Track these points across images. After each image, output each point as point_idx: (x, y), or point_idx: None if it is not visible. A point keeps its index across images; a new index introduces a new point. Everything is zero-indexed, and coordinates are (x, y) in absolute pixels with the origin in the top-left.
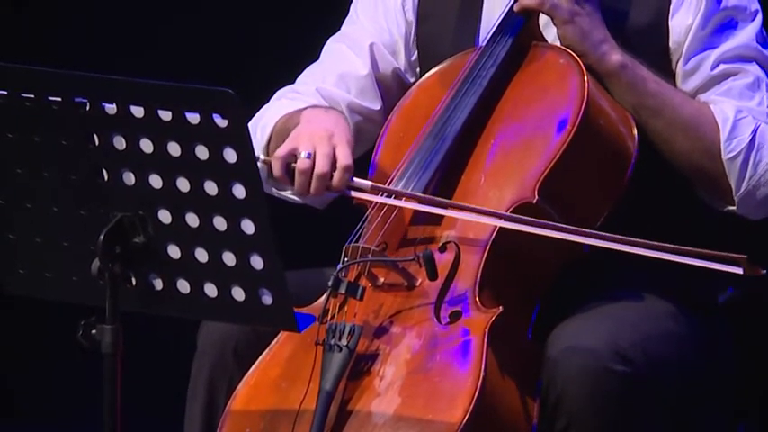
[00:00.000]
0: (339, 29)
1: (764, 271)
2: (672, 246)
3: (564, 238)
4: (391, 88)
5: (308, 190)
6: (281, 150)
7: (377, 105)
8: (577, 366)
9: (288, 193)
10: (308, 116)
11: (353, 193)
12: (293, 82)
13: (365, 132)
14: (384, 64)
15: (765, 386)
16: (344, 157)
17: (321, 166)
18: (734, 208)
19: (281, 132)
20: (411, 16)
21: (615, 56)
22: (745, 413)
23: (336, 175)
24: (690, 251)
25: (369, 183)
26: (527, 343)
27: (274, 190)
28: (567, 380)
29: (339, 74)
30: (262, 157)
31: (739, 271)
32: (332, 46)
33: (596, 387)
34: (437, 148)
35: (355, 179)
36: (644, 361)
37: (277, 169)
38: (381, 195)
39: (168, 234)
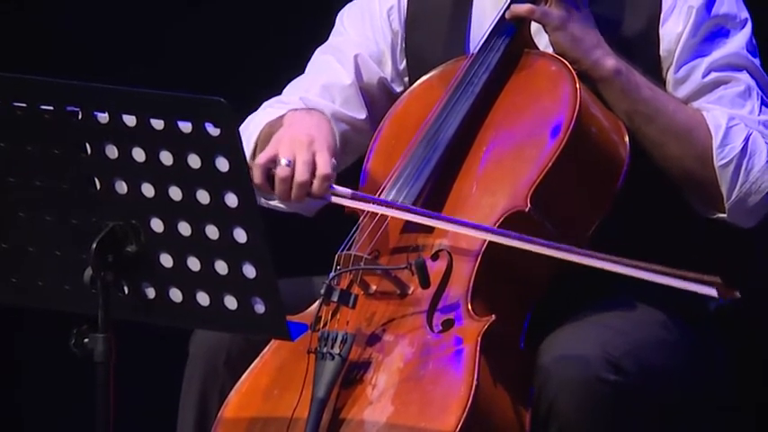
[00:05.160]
0: (328, 39)
1: (738, 294)
2: (648, 265)
3: (546, 253)
4: (377, 98)
5: (289, 197)
6: (261, 158)
7: (362, 114)
8: (569, 375)
9: (275, 203)
10: (289, 120)
11: (335, 200)
12: (282, 92)
13: (352, 142)
14: (369, 74)
15: (757, 394)
16: (324, 166)
17: (300, 174)
18: (724, 215)
19: (266, 140)
20: (397, 26)
21: (610, 61)
22: (737, 421)
23: (316, 183)
24: (664, 271)
25: (349, 191)
26: (519, 351)
27: (263, 200)
28: (558, 388)
29: (323, 84)
30: None
31: (713, 293)
32: (318, 57)
33: (588, 395)
34: (429, 156)
35: (336, 187)
36: (635, 369)
37: (257, 176)
38: (366, 202)
39: (160, 243)
